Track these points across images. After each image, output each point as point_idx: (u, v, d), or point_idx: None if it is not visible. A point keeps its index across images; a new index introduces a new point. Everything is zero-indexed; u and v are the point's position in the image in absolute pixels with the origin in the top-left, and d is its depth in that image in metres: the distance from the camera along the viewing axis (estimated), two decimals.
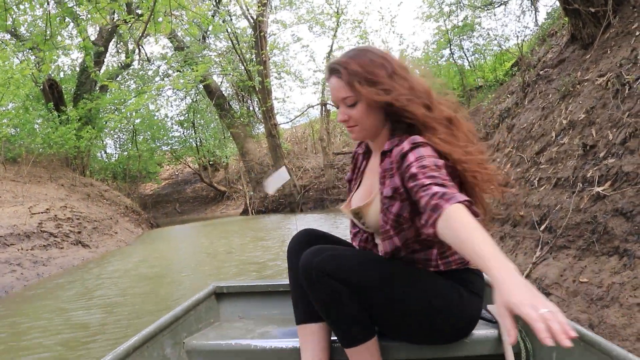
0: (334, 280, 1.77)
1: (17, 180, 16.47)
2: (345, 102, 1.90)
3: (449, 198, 1.51)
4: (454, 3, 19.11)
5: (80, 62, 25.53)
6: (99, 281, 8.05)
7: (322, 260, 1.79)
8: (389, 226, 1.87)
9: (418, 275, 1.89)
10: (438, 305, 1.85)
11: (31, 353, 4.44)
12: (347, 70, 1.87)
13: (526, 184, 3.85)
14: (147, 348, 2.03)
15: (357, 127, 1.93)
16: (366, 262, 1.85)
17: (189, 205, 37.09)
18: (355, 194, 2.13)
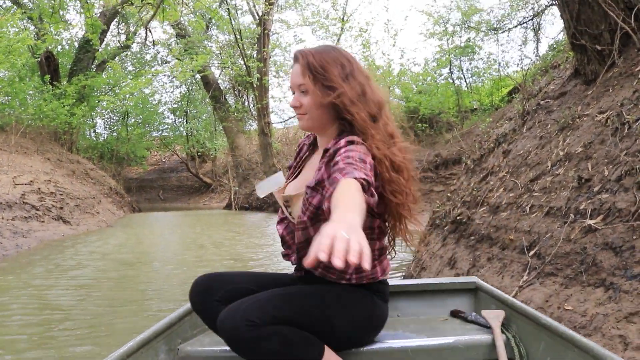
0: (266, 325, 1.76)
1: (3, 149, 16.31)
2: (299, 89, 1.94)
3: (346, 173, 1.59)
4: (458, 24, 19.27)
5: (79, 38, 25.36)
6: (76, 261, 8.01)
7: (244, 317, 1.75)
8: (306, 217, 1.91)
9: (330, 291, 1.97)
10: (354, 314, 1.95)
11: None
12: (305, 61, 1.92)
13: (518, 209, 3.93)
14: (141, 354, 2.00)
15: (306, 116, 1.96)
16: (281, 297, 1.89)
17: (173, 193, 36.96)
18: (292, 182, 2.17)
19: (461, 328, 2.34)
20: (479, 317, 2.38)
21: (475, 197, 4.96)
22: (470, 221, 4.68)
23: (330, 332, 1.92)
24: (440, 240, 5.16)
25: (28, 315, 4.77)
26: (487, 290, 2.64)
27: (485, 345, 2.14)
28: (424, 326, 2.39)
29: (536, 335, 2.09)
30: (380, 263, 2.03)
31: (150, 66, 31.59)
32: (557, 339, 1.94)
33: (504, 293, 2.51)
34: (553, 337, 1.97)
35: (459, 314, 2.50)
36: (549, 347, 2.00)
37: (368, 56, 20.73)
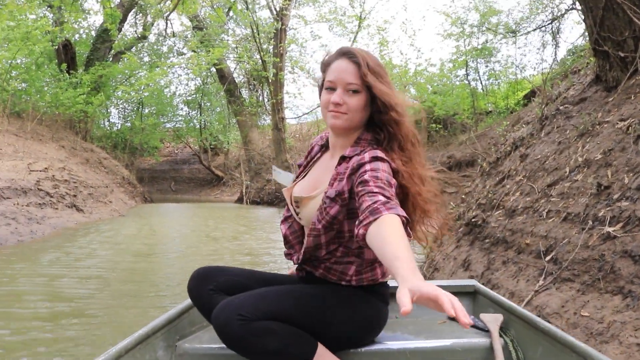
0: (258, 320, 1.78)
1: (19, 135, 16.45)
2: (347, 87, 1.91)
3: (390, 207, 1.59)
4: (476, 26, 19.18)
5: (97, 27, 25.48)
6: (88, 250, 8.01)
7: (236, 311, 1.79)
8: (321, 226, 1.92)
9: (328, 291, 2.00)
10: (351, 315, 1.98)
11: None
12: (366, 62, 1.91)
13: (534, 213, 3.93)
14: (139, 350, 2.00)
15: (346, 116, 1.93)
16: (275, 294, 1.92)
17: (184, 185, 37.05)
18: (301, 181, 2.18)
19: (459, 331, 2.35)
20: (478, 321, 2.38)
21: (490, 200, 4.96)
22: (485, 224, 4.68)
23: (327, 331, 1.94)
24: (454, 242, 5.17)
25: (39, 308, 4.69)
26: (485, 294, 2.66)
27: (483, 349, 2.15)
28: (422, 328, 2.41)
29: (534, 340, 2.11)
30: (380, 265, 2.04)
31: (166, 58, 31.74)
32: (555, 344, 1.95)
33: (502, 297, 2.52)
34: (551, 342, 1.98)
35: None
36: (547, 352, 2.01)
37: (385, 55, 20.65)
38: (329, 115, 1.96)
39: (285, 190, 2.18)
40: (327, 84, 1.96)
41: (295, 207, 2.10)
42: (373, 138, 1.98)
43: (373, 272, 2.03)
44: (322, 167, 2.14)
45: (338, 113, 1.93)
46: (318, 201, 1.98)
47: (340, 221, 1.91)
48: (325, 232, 1.93)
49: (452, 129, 20.11)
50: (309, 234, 1.97)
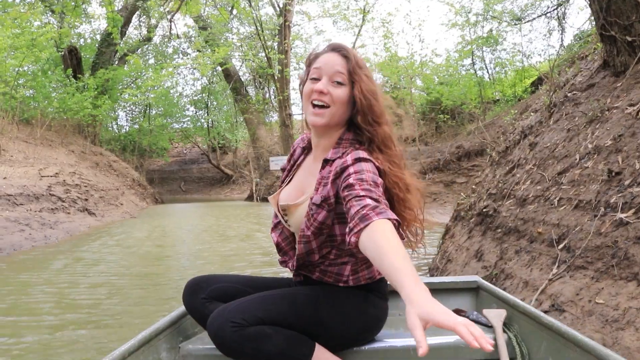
0: (251, 326, 1.78)
1: (29, 142, 16.57)
2: (333, 78, 1.89)
3: (379, 212, 1.54)
4: (481, 14, 19.09)
5: (101, 32, 25.61)
6: (101, 255, 8.02)
7: (229, 318, 1.79)
8: (310, 232, 1.90)
9: (324, 292, 1.98)
10: (348, 314, 1.96)
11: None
12: (355, 59, 1.91)
13: (545, 202, 3.92)
14: (143, 352, 2.01)
15: (329, 109, 1.89)
16: (268, 298, 1.91)
17: (194, 184, 37.26)
18: (286, 187, 2.14)
19: None
20: (481, 317, 2.38)
21: (501, 190, 4.95)
22: (496, 213, 4.67)
23: (324, 332, 1.93)
24: (466, 233, 5.16)
25: (50, 315, 4.59)
26: (488, 290, 2.65)
27: None
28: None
29: (538, 335, 2.10)
30: None
31: (171, 59, 31.85)
32: (558, 339, 1.94)
33: (505, 292, 2.51)
34: (555, 337, 1.97)
35: (461, 313, 2.49)
36: (551, 347, 2.00)
37: (390, 47, 20.60)
38: (309, 110, 1.93)
39: (272, 197, 2.16)
40: (312, 72, 1.94)
41: (283, 215, 2.08)
42: (355, 138, 1.95)
43: (369, 269, 2.01)
44: (305, 171, 2.11)
45: (322, 109, 1.89)
46: (305, 208, 1.96)
47: (330, 226, 1.89)
48: (315, 237, 1.91)
49: (459, 118, 20.06)
50: (299, 241, 1.96)
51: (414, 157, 17.27)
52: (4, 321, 4.33)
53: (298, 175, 2.14)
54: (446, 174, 15.36)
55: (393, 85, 22.13)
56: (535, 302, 2.88)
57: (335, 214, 1.87)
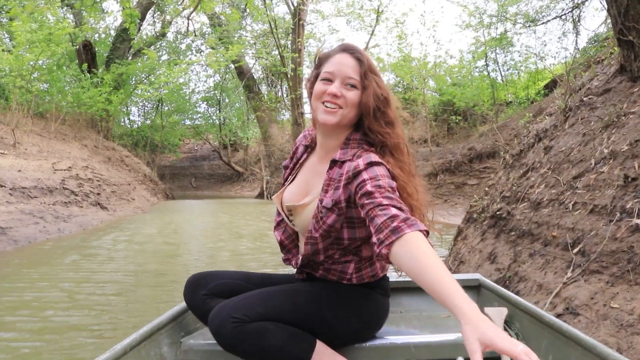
0: (252, 322, 1.79)
1: (43, 135, 16.71)
2: (346, 81, 1.88)
3: (411, 224, 1.53)
4: (495, 16, 19.02)
5: (116, 27, 25.77)
6: (114, 250, 8.07)
7: (230, 313, 1.79)
8: (318, 234, 1.90)
9: (326, 289, 1.99)
10: (350, 311, 1.97)
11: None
12: (369, 63, 1.91)
13: (560, 206, 3.93)
14: (144, 347, 2.01)
15: (341, 110, 1.88)
16: (270, 294, 1.91)
17: (205, 181, 37.39)
18: (290, 186, 2.12)
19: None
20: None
21: (515, 193, 4.96)
22: (510, 216, 4.68)
23: (325, 329, 1.94)
24: (478, 235, 5.17)
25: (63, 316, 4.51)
26: (490, 288, 2.65)
27: None
28: (427, 323, 2.41)
29: (539, 333, 2.10)
30: (380, 261, 2.02)
31: (184, 55, 31.97)
32: (560, 337, 1.94)
33: (507, 290, 2.50)
34: (556, 335, 1.97)
35: None
36: (552, 345, 2.00)
37: (404, 48, 20.59)
38: (321, 108, 1.91)
39: (275, 197, 2.14)
40: (324, 74, 1.92)
41: (288, 215, 2.07)
42: (363, 139, 1.93)
43: (372, 267, 2.01)
44: (311, 170, 2.09)
45: (334, 109, 1.88)
46: (312, 208, 1.95)
47: (338, 229, 1.89)
48: (323, 240, 1.91)
49: (471, 120, 20.01)
50: (306, 242, 1.95)
51: (426, 157, 17.27)
52: (14, 320, 4.32)
53: (302, 174, 2.12)
54: (457, 175, 15.34)
55: (406, 85, 22.12)
56: (549, 305, 2.90)
57: (345, 218, 1.87)
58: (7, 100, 17.05)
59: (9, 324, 4.14)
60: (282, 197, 2.12)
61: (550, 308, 2.87)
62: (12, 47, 15.13)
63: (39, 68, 15.45)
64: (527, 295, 3.34)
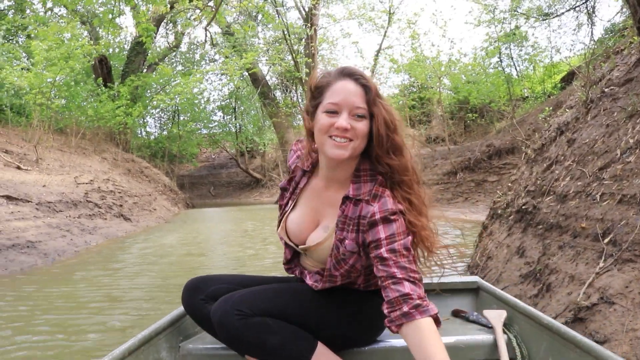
0: (256, 316, 1.78)
1: (64, 150, 16.97)
2: (354, 112, 1.77)
3: (423, 311, 1.61)
4: (507, 11, 18.96)
5: (130, 40, 26.07)
6: (139, 262, 8.08)
7: (234, 306, 1.79)
8: (338, 273, 1.90)
9: (331, 291, 1.99)
10: (353, 314, 1.98)
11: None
12: (375, 89, 1.81)
13: (587, 197, 3.93)
14: (143, 351, 2.01)
15: (352, 143, 1.78)
16: (274, 291, 1.92)
17: (223, 189, 37.60)
18: (294, 214, 2.06)
19: (463, 328, 2.34)
20: (481, 317, 2.39)
21: (540, 187, 4.96)
22: (536, 210, 4.69)
23: (327, 330, 1.93)
24: (505, 230, 5.18)
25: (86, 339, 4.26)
26: (488, 290, 2.66)
27: (486, 345, 2.15)
28: None
29: (538, 335, 2.10)
30: None
31: (198, 65, 32.26)
32: (558, 339, 1.95)
33: (505, 293, 2.51)
34: (555, 337, 1.98)
35: (461, 314, 2.52)
36: (551, 347, 2.01)
37: (416, 48, 20.59)
38: (329, 143, 1.79)
39: (280, 230, 2.09)
40: (329, 106, 1.79)
41: (303, 251, 2.04)
42: (372, 168, 1.86)
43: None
44: (317, 197, 2.01)
45: (345, 142, 1.78)
46: (328, 246, 1.91)
47: (358, 269, 1.91)
48: (343, 277, 1.93)
49: (488, 117, 19.96)
50: (325, 279, 1.95)
51: (444, 156, 17.25)
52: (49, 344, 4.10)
53: (306, 201, 2.05)
54: (477, 172, 15.30)
55: (420, 85, 22.12)
56: (583, 296, 2.91)
57: (365, 259, 1.87)
58: (27, 118, 17.35)
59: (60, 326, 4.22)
60: (287, 228, 2.06)
61: (584, 298, 2.89)
62: (31, 65, 15.41)
63: (58, 85, 15.75)
64: (559, 287, 3.35)
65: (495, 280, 4.39)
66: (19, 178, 11.30)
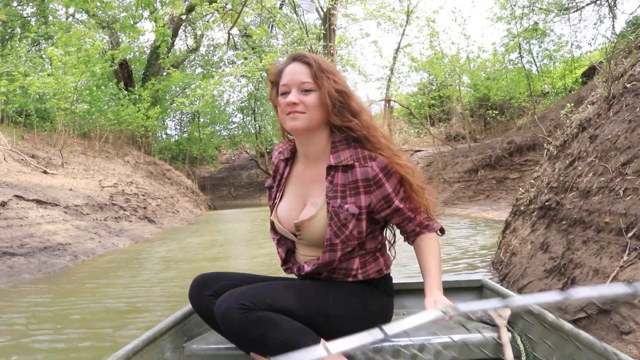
0: (259, 311, 1.79)
1: (87, 154, 17.27)
2: (301, 87, 1.92)
3: (429, 227, 2.06)
4: (527, 6, 18.83)
5: (150, 44, 26.39)
6: (166, 264, 8.22)
7: (237, 300, 1.80)
8: (339, 240, 1.94)
9: (332, 286, 2.02)
10: (355, 309, 2.00)
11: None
12: (317, 64, 1.93)
13: (610, 192, 3.97)
14: (147, 352, 2.01)
15: (305, 115, 1.92)
16: (277, 287, 1.93)
17: (244, 190, 37.82)
18: (282, 204, 2.14)
19: (467, 326, 2.34)
20: (485, 315, 2.38)
21: (563, 183, 5.00)
22: (559, 206, 4.73)
23: (329, 326, 1.94)
24: (528, 226, 5.23)
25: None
26: (492, 288, 2.67)
27: (491, 343, 2.16)
28: (429, 324, 2.39)
29: (542, 333, 2.10)
30: (382, 256, 2.11)
31: (217, 67, 32.53)
32: (563, 337, 1.95)
33: (509, 290, 2.49)
34: (559, 335, 1.98)
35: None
36: (556, 345, 2.01)
37: (435, 46, 20.57)
38: (286, 119, 1.96)
39: (272, 218, 2.16)
40: (282, 88, 1.97)
41: (296, 232, 2.07)
42: (346, 137, 2.00)
43: (376, 262, 2.06)
44: (299, 181, 2.12)
45: (297, 114, 1.92)
46: (322, 218, 1.98)
47: (355, 236, 1.96)
48: (343, 244, 1.96)
49: (508, 113, 19.86)
50: (325, 250, 1.97)
51: (465, 154, 17.21)
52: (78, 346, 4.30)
53: (291, 188, 2.15)
54: (498, 170, 15.25)
55: (439, 83, 22.07)
56: None
57: (365, 222, 1.96)
58: (52, 123, 17.68)
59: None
60: (278, 217, 2.14)
61: None
62: (53, 70, 15.72)
63: (80, 90, 16.06)
64: (584, 281, 3.40)
65: (520, 275, 4.45)
66: (46, 182, 11.57)
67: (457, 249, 7.26)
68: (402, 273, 5.62)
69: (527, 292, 4.12)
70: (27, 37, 19.32)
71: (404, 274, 5.60)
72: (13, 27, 21.42)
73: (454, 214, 13.48)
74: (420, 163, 20.26)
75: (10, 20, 20.96)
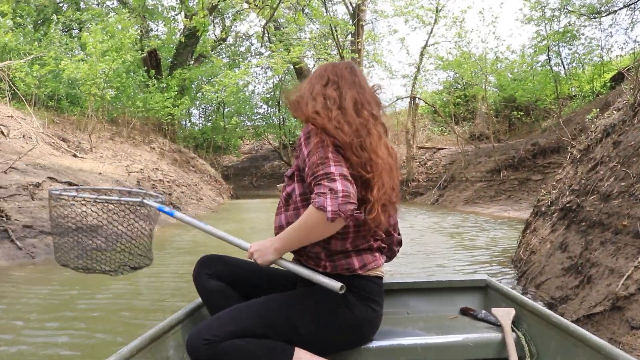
0: (223, 341, 1.83)
1: (115, 140, 17.59)
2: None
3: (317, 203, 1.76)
4: (558, 8, 18.71)
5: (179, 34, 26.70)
6: (194, 251, 8.53)
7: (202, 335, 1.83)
8: (281, 203, 2.06)
9: (297, 297, 2.03)
10: (321, 321, 1.97)
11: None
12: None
13: (630, 197, 4.09)
14: (151, 350, 2.03)
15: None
16: (241, 309, 1.96)
17: (265, 180, 38.14)
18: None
19: (471, 326, 2.34)
20: (489, 315, 2.40)
21: (584, 186, 5.12)
22: (580, 208, 4.85)
23: (298, 338, 1.95)
24: (549, 227, 5.35)
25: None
26: (497, 289, 2.67)
27: (495, 344, 2.16)
28: (434, 324, 2.39)
29: (547, 334, 2.12)
30: (357, 254, 2.01)
31: (244, 58, 32.82)
32: (568, 338, 1.96)
33: (514, 291, 2.53)
34: (564, 336, 1.99)
35: (469, 312, 2.52)
36: (560, 346, 2.02)
37: (462, 46, 20.56)
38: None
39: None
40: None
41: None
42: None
43: (347, 260, 2.00)
44: None
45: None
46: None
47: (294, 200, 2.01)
48: (285, 210, 2.04)
49: (534, 115, 19.80)
50: (276, 213, 2.11)
51: (488, 154, 17.25)
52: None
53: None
54: (521, 171, 15.29)
55: (465, 83, 22.06)
56: (621, 286, 3.11)
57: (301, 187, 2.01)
58: (82, 108, 18.05)
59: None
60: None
61: (622, 289, 3.08)
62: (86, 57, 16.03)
63: (110, 77, 16.35)
64: (599, 279, 3.54)
65: (538, 273, 4.59)
66: (76, 165, 11.86)
67: (477, 247, 7.40)
68: (403, 273, 5.77)
69: (544, 288, 4.26)
70: (60, 22, 19.66)
71: (405, 274, 5.74)
72: (47, 12, 21.83)
73: (475, 212, 13.57)
74: (443, 161, 20.32)
75: (44, 6, 21.41)
